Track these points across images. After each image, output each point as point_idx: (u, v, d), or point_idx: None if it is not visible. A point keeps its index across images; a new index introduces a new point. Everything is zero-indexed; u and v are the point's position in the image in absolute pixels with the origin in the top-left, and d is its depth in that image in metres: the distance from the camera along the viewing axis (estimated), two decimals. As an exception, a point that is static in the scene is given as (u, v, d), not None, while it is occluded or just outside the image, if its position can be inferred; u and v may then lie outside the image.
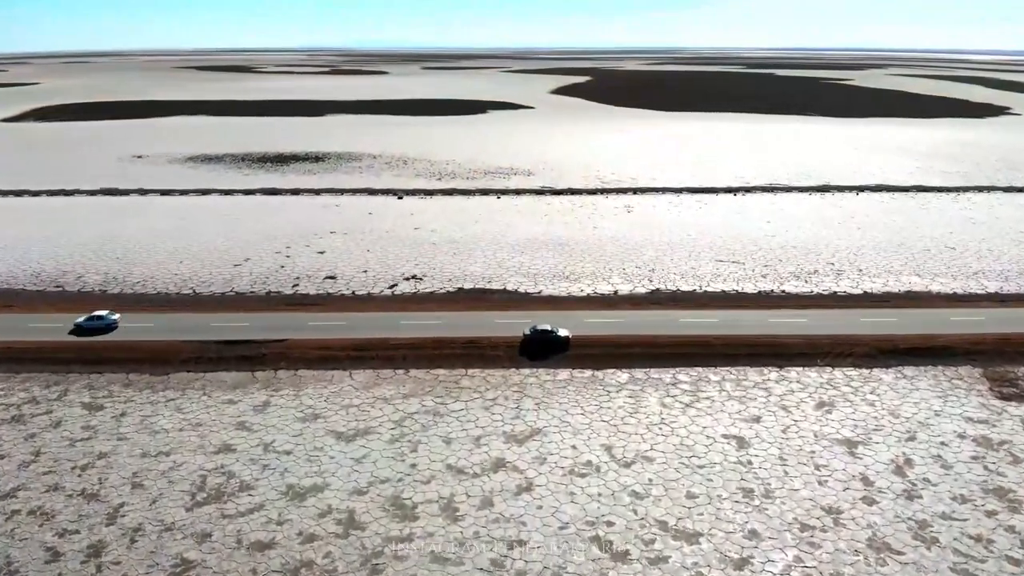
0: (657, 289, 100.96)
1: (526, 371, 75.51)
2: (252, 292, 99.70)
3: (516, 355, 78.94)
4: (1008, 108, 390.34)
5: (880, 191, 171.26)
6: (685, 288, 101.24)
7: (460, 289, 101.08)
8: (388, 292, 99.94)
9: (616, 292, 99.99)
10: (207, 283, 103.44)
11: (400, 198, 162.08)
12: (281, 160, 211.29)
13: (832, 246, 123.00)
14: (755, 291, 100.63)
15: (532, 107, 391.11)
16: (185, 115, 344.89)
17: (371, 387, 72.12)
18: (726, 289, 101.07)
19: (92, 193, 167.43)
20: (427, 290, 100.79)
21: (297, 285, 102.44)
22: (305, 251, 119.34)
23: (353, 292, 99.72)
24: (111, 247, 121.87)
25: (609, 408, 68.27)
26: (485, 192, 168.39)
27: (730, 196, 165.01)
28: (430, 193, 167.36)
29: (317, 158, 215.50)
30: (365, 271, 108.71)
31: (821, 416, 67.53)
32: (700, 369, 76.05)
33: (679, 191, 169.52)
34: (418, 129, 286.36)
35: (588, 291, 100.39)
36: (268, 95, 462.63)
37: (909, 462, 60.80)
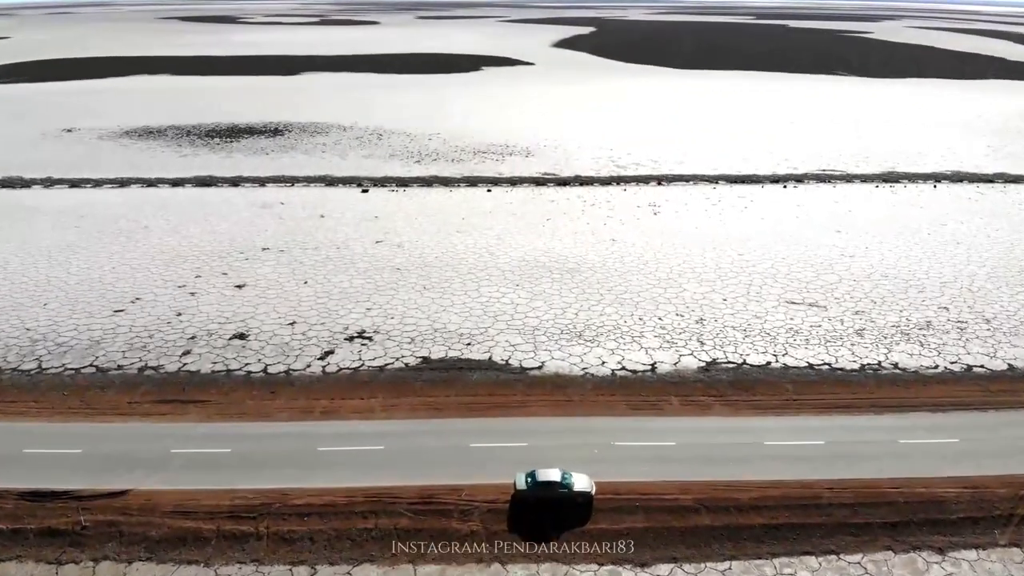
0: (713, 361, 69.08)
1: (520, 573, 44.16)
2: (119, 367, 67.72)
3: (503, 529, 47.57)
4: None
5: (960, 181, 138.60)
6: (754, 360, 69.27)
7: (424, 360, 69.25)
8: (318, 366, 68.12)
9: (654, 366, 68.19)
10: (63, 347, 71.52)
11: (365, 191, 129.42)
12: (232, 134, 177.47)
13: (935, 275, 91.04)
14: (855, 364, 68.82)
15: (532, 63, 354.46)
16: (145, 74, 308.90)
17: (242, 621, 40.92)
18: (813, 362, 69.16)
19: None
20: (376, 362, 68.94)
21: (188, 352, 70.52)
22: (219, 283, 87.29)
23: (265, 368, 67.71)
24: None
25: None
26: (473, 182, 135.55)
27: (778, 188, 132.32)
28: (404, 183, 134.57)
29: (276, 131, 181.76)
30: (292, 323, 76.73)
31: None
32: (815, 562, 44.74)
33: (714, 180, 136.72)
34: (401, 91, 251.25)
35: (612, 363, 68.60)
36: (243, 49, 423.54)
37: None
